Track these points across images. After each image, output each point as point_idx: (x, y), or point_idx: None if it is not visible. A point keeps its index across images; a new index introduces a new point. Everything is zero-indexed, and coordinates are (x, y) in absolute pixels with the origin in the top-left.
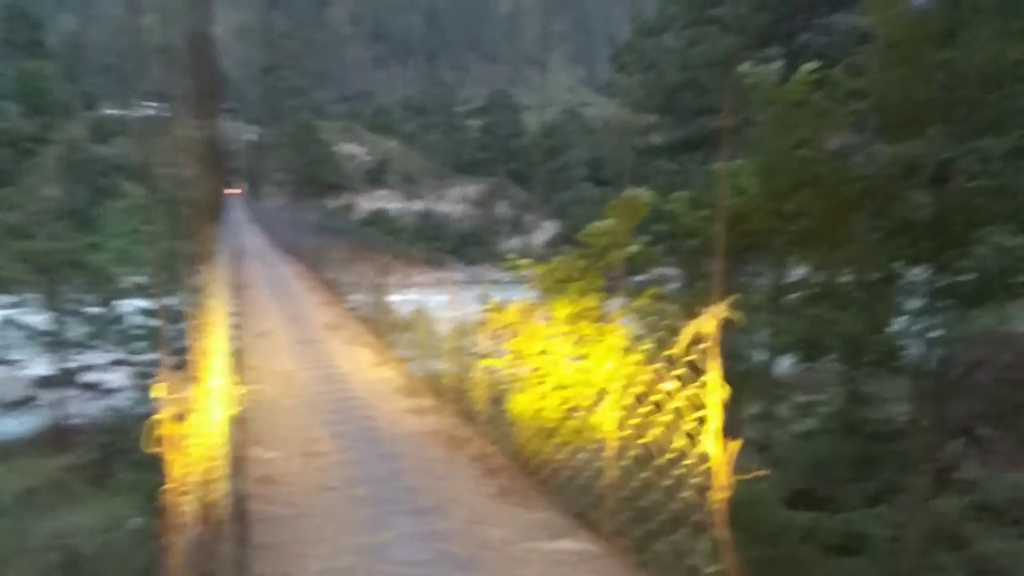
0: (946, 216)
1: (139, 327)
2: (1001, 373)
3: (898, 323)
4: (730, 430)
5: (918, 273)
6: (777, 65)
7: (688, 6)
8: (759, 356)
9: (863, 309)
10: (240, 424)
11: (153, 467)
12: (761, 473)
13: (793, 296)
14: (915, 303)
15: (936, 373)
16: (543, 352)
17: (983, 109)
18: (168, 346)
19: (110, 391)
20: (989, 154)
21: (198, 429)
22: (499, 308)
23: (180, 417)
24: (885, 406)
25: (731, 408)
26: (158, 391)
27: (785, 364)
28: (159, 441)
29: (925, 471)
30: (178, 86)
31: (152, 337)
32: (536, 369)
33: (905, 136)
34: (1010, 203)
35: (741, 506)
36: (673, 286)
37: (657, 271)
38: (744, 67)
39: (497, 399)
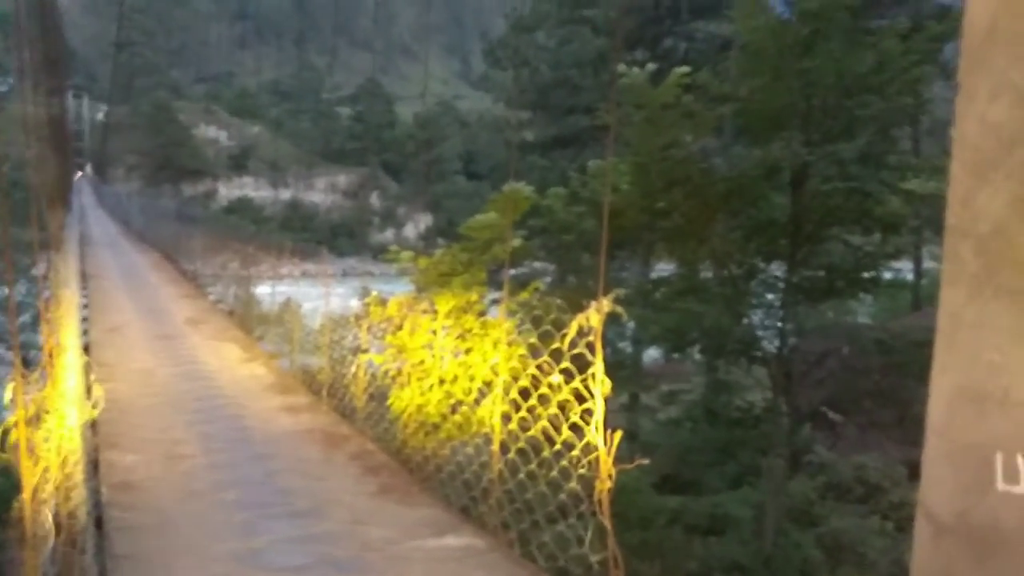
0: (802, 216)
1: None
2: (846, 362)
3: (756, 316)
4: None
5: (775, 269)
6: (651, 67)
7: (560, 5)
8: (625, 347)
9: (726, 303)
10: (93, 427)
11: None
12: (643, 461)
13: (661, 290)
14: (771, 297)
15: (789, 362)
16: (426, 346)
17: (837, 115)
18: (15, 343)
19: None
20: (842, 158)
21: (52, 433)
22: (379, 301)
23: (34, 420)
24: (744, 394)
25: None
26: (8, 392)
27: (649, 355)
28: (11, 447)
29: (781, 454)
30: (19, 60)
31: None
32: (418, 364)
33: (766, 140)
34: (859, 204)
35: (616, 493)
36: (545, 279)
37: (529, 265)
38: (620, 68)
39: (377, 395)
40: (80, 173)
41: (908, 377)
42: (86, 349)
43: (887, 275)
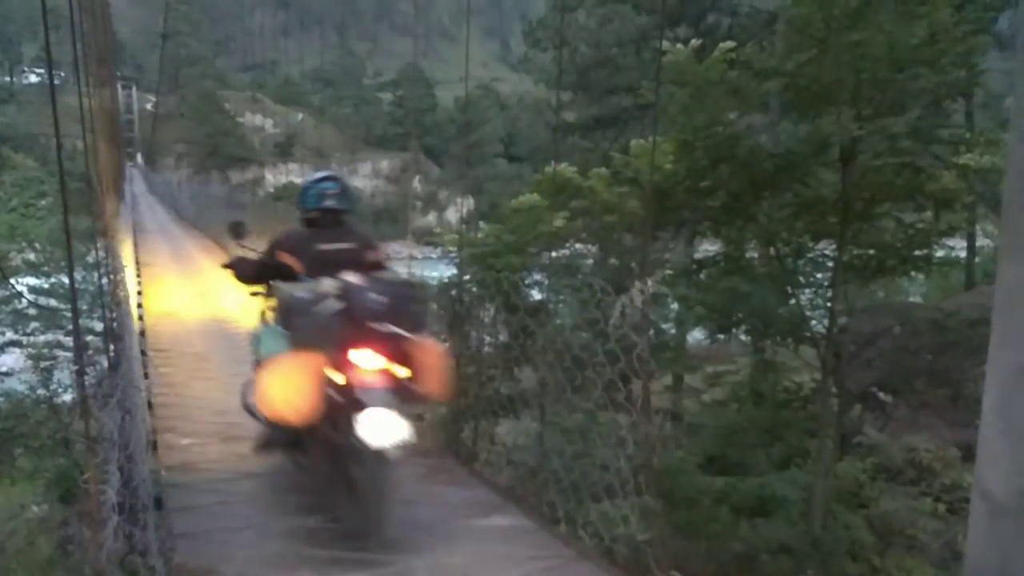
0: (851, 192)
1: (33, 307)
2: (897, 342)
3: (805, 295)
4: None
5: (824, 247)
6: (695, 44)
7: None
8: (669, 329)
9: (773, 282)
10: (152, 409)
11: (53, 453)
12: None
13: (706, 270)
14: (820, 276)
15: (838, 342)
16: None
17: (888, 89)
18: (77, 327)
19: (2, 375)
20: (893, 133)
21: (113, 415)
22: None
23: (102, 401)
24: (792, 375)
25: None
26: (77, 374)
27: (693, 337)
28: (81, 426)
29: (830, 436)
30: (70, 52)
31: (46, 318)
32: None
33: (814, 115)
34: (911, 180)
35: (662, 473)
36: (587, 261)
37: (571, 247)
38: (665, 45)
39: None
40: (131, 162)
41: (961, 357)
42: (142, 334)
43: (939, 253)
